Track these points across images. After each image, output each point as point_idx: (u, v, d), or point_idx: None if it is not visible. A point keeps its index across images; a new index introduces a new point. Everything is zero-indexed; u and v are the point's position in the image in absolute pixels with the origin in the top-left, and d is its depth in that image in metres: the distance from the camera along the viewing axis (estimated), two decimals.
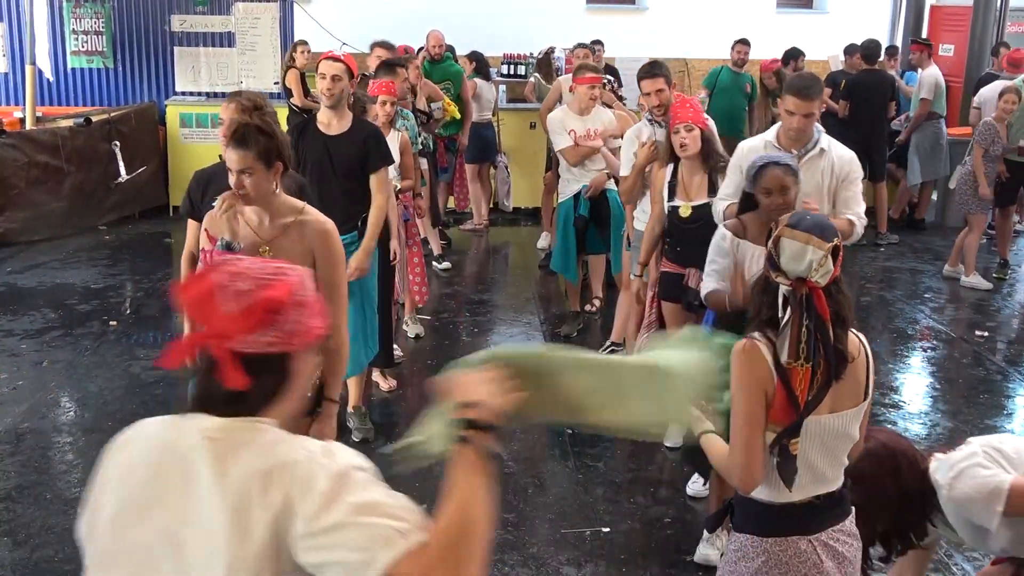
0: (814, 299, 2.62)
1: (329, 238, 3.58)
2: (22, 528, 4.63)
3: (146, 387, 6.28)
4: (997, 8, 11.77)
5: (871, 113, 10.32)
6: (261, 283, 1.79)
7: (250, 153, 3.44)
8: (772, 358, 2.65)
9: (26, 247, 9.44)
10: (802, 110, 4.57)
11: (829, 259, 2.62)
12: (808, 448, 2.70)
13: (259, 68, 11.27)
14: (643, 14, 14.17)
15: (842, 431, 2.75)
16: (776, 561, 2.72)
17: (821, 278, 2.62)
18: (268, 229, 3.56)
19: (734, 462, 2.69)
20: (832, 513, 2.80)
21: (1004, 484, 2.99)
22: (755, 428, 2.65)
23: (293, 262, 3.32)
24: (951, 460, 3.13)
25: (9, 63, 11.01)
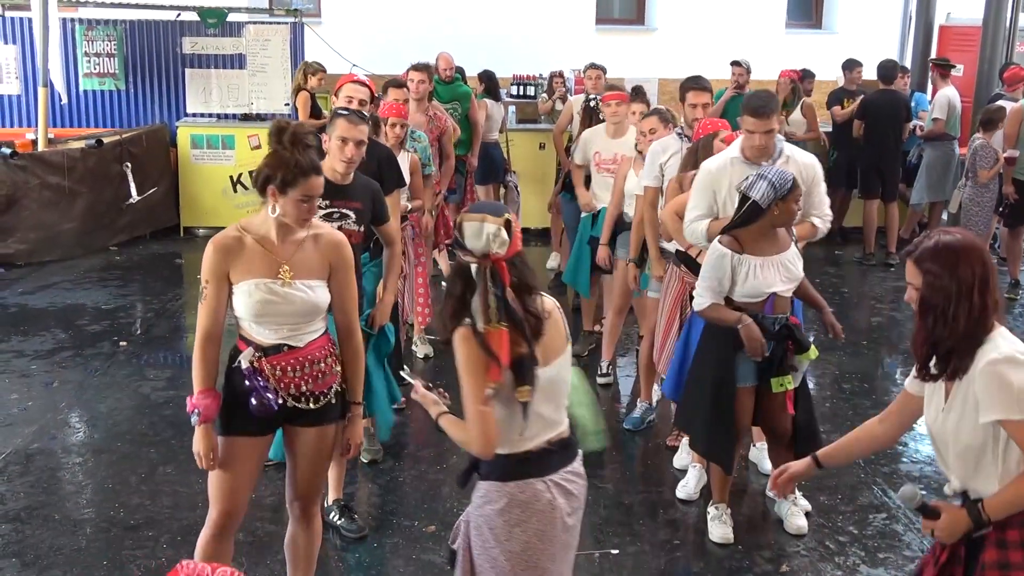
0: (498, 270, 2.95)
1: (343, 249, 3.72)
2: (30, 549, 4.63)
3: (156, 408, 6.29)
4: (1007, 28, 11.76)
5: (885, 133, 10.30)
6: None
7: (322, 179, 3.62)
8: (475, 333, 2.95)
9: (37, 268, 9.48)
10: (761, 128, 4.79)
11: (503, 230, 2.95)
12: (535, 399, 3.01)
13: (270, 89, 11.33)
14: (652, 34, 14.22)
15: (558, 378, 3.11)
16: (517, 501, 3.05)
17: (500, 248, 2.95)
18: (283, 247, 3.59)
19: (472, 434, 2.98)
20: (562, 456, 3.14)
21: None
22: (481, 400, 2.94)
23: (313, 276, 3.59)
24: (998, 345, 2.83)
25: (22, 85, 11.09)
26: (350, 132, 4.50)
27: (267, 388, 3.57)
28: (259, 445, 3.71)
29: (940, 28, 13.72)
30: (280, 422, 3.70)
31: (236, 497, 3.71)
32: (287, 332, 3.61)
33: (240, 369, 3.60)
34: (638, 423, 6.13)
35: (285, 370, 3.60)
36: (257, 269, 3.55)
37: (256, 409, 3.56)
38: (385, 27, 12.74)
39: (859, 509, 5.20)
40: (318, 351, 3.66)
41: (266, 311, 3.56)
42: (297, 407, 3.64)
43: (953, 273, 2.82)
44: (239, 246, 3.58)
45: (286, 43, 11.35)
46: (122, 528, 4.84)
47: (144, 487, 5.26)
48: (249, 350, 3.60)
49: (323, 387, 3.68)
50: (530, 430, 3.04)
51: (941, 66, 10.98)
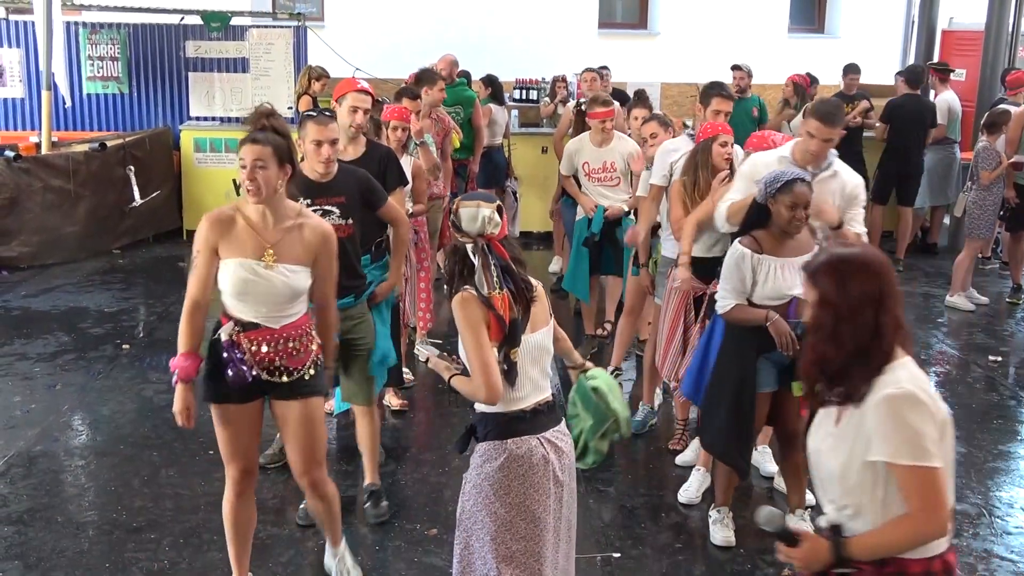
0: (493, 247, 3.33)
1: (330, 241, 3.96)
2: (33, 551, 4.64)
3: (158, 410, 6.29)
4: (1009, 32, 11.77)
5: (909, 138, 10.25)
6: None
7: (266, 148, 3.72)
8: (479, 297, 3.29)
9: (40, 271, 9.50)
10: (823, 135, 4.70)
11: (495, 214, 3.34)
12: (524, 363, 3.36)
13: (273, 93, 11.34)
14: (655, 39, 14.22)
15: (542, 345, 3.46)
16: (514, 456, 3.34)
17: (494, 229, 3.34)
18: (272, 232, 3.81)
19: (478, 383, 3.29)
20: (550, 416, 3.46)
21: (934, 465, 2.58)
22: (486, 351, 3.27)
23: (296, 262, 3.75)
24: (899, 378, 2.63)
25: (25, 88, 11.11)
26: (323, 134, 4.58)
27: (243, 361, 3.82)
28: (245, 410, 3.96)
29: (942, 33, 13.73)
30: (258, 392, 3.95)
31: (242, 456, 4.02)
32: (265, 312, 3.83)
33: (220, 341, 3.84)
34: (640, 426, 6.13)
35: (260, 345, 3.83)
36: (244, 249, 3.77)
37: (232, 379, 3.82)
38: (388, 31, 12.75)
39: None
40: (293, 331, 3.89)
41: (247, 289, 3.79)
42: (271, 380, 3.88)
43: (842, 289, 2.63)
44: (231, 224, 3.81)
45: (289, 47, 11.38)
46: (124, 530, 4.84)
47: (146, 490, 5.26)
48: (229, 324, 3.84)
49: (297, 363, 3.91)
50: (522, 390, 3.38)
51: (940, 71, 10.99)
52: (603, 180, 7.10)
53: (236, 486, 4.08)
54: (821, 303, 2.68)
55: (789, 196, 4.31)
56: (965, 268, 8.95)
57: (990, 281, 10.01)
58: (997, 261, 10.68)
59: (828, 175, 4.80)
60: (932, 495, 2.57)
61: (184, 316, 3.86)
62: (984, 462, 5.87)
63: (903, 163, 10.24)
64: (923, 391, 2.60)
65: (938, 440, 2.59)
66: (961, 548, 4.86)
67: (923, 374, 2.68)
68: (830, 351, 2.65)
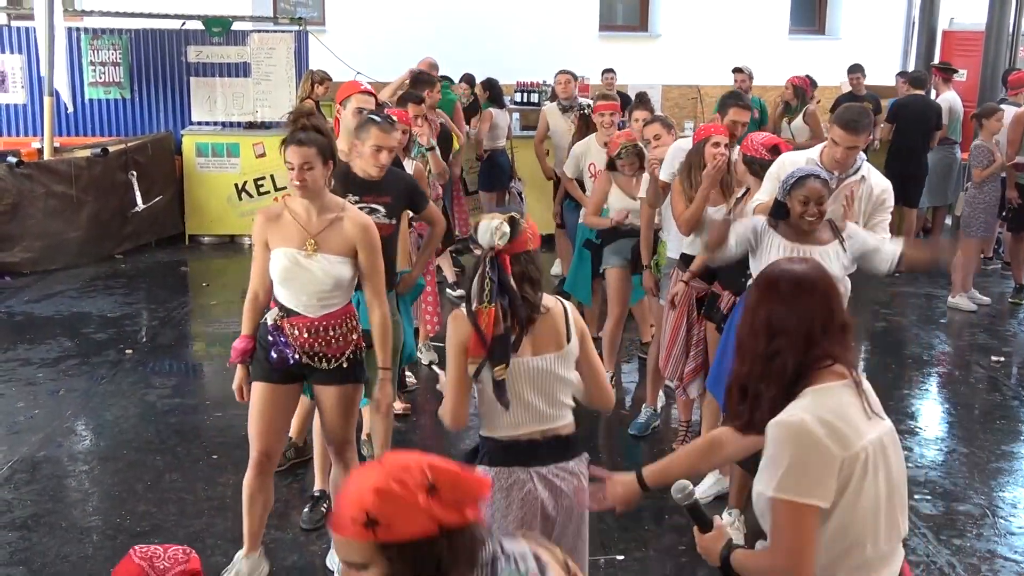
0: (499, 260, 3.17)
1: (370, 232, 4.13)
2: (37, 557, 4.64)
3: (162, 415, 6.30)
4: (1009, 33, 11.78)
5: (914, 138, 10.24)
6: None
7: (311, 150, 3.94)
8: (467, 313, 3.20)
9: (43, 276, 9.51)
10: (847, 143, 4.71)
11: (505, 225, 3.16)
12: (520, 387, 3.20)
13: (274, 98, 11.36)
14: (656, 41, 14.23)
15: (549, 371, 3.24)
16: (499, 485, 3.20)
17: (501, 240, 3.15)
18: (315, 223, 4.04)
19: (445, 408, 3.27)
20: (555, 451, 3.26)
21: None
22: (460, 377, 3.22)
23: (337, 252, 3.95)
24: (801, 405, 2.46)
25: (27, 94, 11.13)
26: (385, 141, 4.74)
27: (286, 344, 4.09)
28: (282, 392, 4.18)
29: (943, 33, 13.75)
30: (299, 376, 4.18)
31: (269, 437, 4.20)
32: (305, 300, 4.07)
33: (266, 324, 4.12)
34: (643, 428, 6.13)
35: (301, 331, 4.07)
36: (288, 239, 4.03)
37: (275, 361, 4.11)
38: (389, 35, 12.76)
39: None
40: (333, 320, 4.11)
41: (289, 276, 4.04)
42: (311, 365, 4.11)
43: (757, 306, 2.54)
44: (278, 218, 4.07)
45: (291, 51, 11.39)
46: (128, 535, 4.84)
47: (150, 494, 5.27)
48: (275, 309, 4.12)
49: (336, 352, 4.13)
50: (516, 417, 3.22)
51: (943, 71, 11.00)
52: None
53: (257, 465, 4.25)
54: (743, 318, 2.60)
55: (802, 191, 4.32)
56: (963, 268, 8.94)
57: (992, 281, 10.01)
58: (999, 261, 10.68)
59: (855, 179, 4.79)
60: (792, 534, 2.40)
61: (246, 304, 4.19)
62: (987, 463, 5.87)
63: (907, 164, 10.23)
64: (821, 422, 2.38)
65: (825, 478, 2.38)
66: (965, 549, 4.87)
67: (843, 402, 2.45)
68: (741, 368, 2.56)
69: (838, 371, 2.50)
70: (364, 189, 4.79)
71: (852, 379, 2.50)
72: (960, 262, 8.93)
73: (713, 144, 5.35)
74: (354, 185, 4.76)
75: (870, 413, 2.49)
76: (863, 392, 2.50)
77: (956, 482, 5.60)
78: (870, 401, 2.51)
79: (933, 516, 5.18)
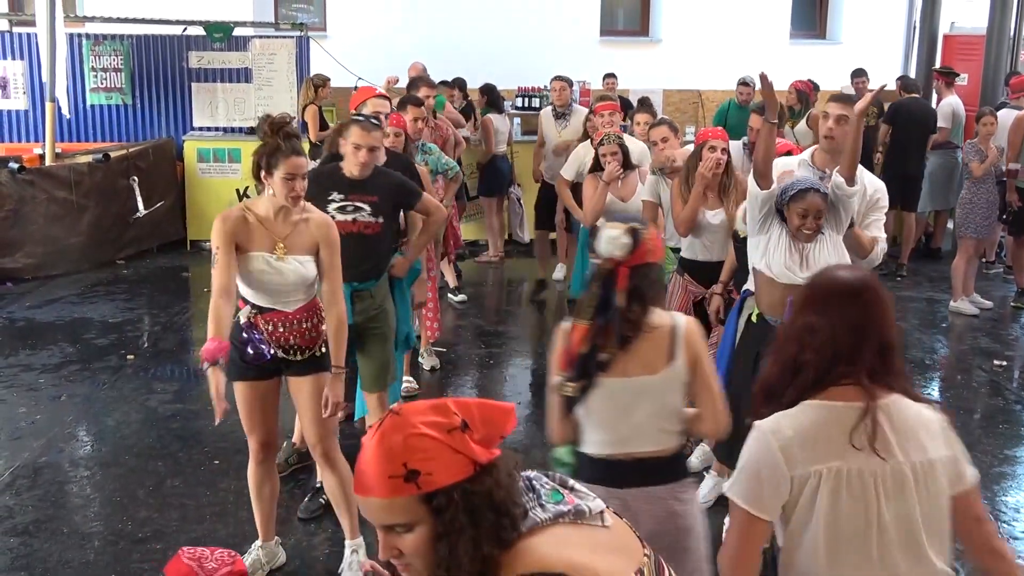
0: (616, 273, 3.03)
1: (332, 230, 4.27)
2: (39, 563, 4.64)
3: (163, 421, 6.30)
4: (1010, 37, 11.78)
5: (911, 141, 10.25)
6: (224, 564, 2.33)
7: (304, 159, 4.09)
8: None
9: (45, 282, 9.51)
10: (836, 111, 4.74)
11: (624, 234, 3.03)
12: (605, 407, 3.08)
13: (276, 103, 11.36)
14: (657, 46, 14.23)
15: (641, 393, 3.07)
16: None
17: (619, 250, 3.02)
18: (282, 227, 4.15)
19: (549, 422, 3.22)
20: (640, 475, 3.10)
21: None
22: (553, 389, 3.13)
23: (303, 252, 4.04)
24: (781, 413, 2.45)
25: (29, 100, 11.14)
26: (363, 139, 4.83)
27: (261, 340, 4.21)
28: (263, 387, 4.29)
29: (944, 37, 13.74)
30: (276, 370, 4.29)
31: (262, 429, 4.33)
32: (278, 299, 4.20)
33: (239, 323, 4.20)
34: None
35: (276, 326, 4.20)
36: (258, 244, 4.12)
37: (252, 358, 4.21)
38: (390, 40, 12.76)
39: None
40: (305, 312, 4.25)
41: (262, 279, 4.15)
42: (287, 358, 4.25)
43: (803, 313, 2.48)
44: (243, 222, 4.13)
45: (292, 57, 11.40)
46: (130, 541, 4.84)
47: (152, 500, 5.26)
48: (247, 308, 4.22)
49: (309, 343, 4.27)
50: (600, 436, 3.13)
51: (945, 75, 11.00)
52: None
53: (256, 456, 4.38)
54: (787, 327, 2.55)
55: (801, 204, 4.34)
56: (963, 271, 8.93)
57: (994, 285, 10.00)
58: (1001, 265, 10.67)
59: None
60: (734, 536, 2.43)
61: (212, 306, 4.07)
62: (990, 467, 5.85)
63: (905, 166, 10.24)
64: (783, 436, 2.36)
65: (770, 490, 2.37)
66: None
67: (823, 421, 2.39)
68: (771, 370, 2.51)
69: (852, 392, 2.40)
70: (350, 188, 4.91)
71: (866, 405, 2.38)
72: (959, 266, 8.92)
73: (710, 148, 5.44)
74: (341, 184, 4.90)
75: (863, 444, 2.36)
76: (870, 422, 2.37)
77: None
78: (875, 434, 2.37)
79: None
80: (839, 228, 4.54)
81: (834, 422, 2.38)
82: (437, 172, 6.94)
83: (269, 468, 4.44)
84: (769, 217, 4.48)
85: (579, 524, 1.85)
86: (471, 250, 10.78)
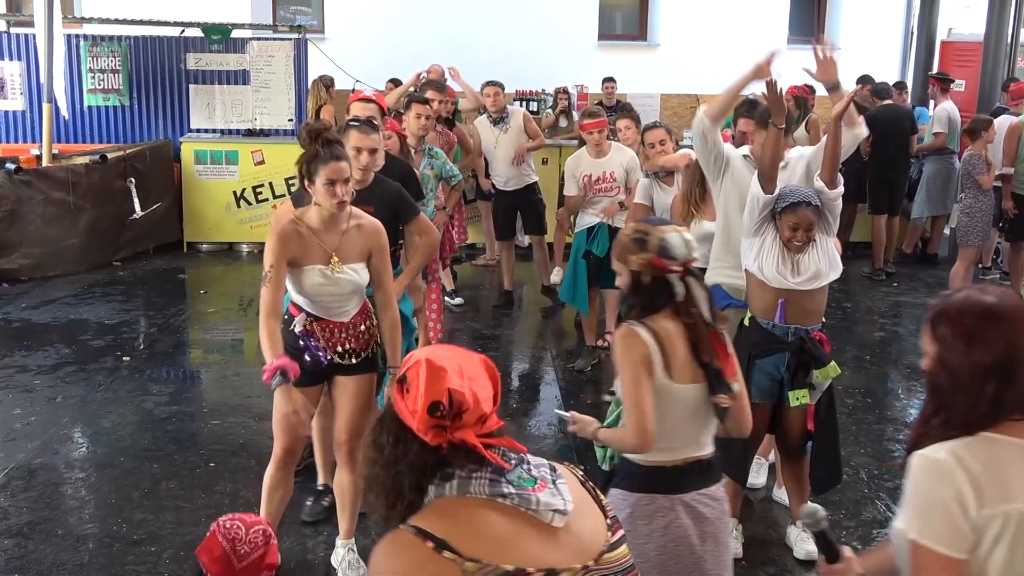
0: (696, 277, 3.15)
1: (382, 236, 4.27)
2: (33, 564, 4.62)
3: (159, 423, 6.29)
4: (1008, 43, 11.80)
5: (891, 147, 10.29)
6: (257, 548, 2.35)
7: (346, 164, 4.07)
8: (647, 332, 3.08)
9: (41, 283, 9.49)
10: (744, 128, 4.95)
11: (688, 233, 3.15)
12: (673, 413, 3.09)
13: (273, 105, 11.37)
14: (655, 50, 14.25)
15: (700, 399, 3.12)
16: (640, 513, 3.12)
17: (695, 251, 3.15)
18: (333, 237, 4.14)
19: (630, 427, 3.05)
20: (698, 477, 3.17)
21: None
22: (643, 392, 3.03)
23: (355, 259, 4.04)
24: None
25: (26, 101, 11.13)
26: (362, 142, 4.77)
27: (318, 347, 4.21)
28: (309, 393, 4.24)
29: (941, 43, 13.77)
30: (323, 377, 4.33)
31: (292, 435, 4.28)
32: (333, 309, 4.21)
33: (294, 332, 4.21)
34: None
35: (333, 331, 4.23)
36: (312, 256, 4.10)
37: (309, 365, 4.18)
38: (389, 43, 12.77)
39: (863, 524, 5.18)
40: (358, 317, 4.28)
41: (320, 292, 4.15)
42: (342, 363, 4.27)
43: (970, 347, 2.13)
44: (296, 235, 4.09)
45: (290, 59, 11.40)
46: (125, 543, 4.83)
47: (147, 502, 5.25)
48: (302, 315, 4.22)
49: (364, 345, 4.31)
50: (666, 441, 3.09)
51: (941, 80, 11.02)
52: (604, 190, 7.14)
53: (279, 460, 4.36)
54: (940, 361, 2.20)
55: (792, 217, 4.38)
56: (961, 278, 8.94)
57: None
58: (998, 271, 10.68)
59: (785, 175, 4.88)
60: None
61: (264, 326, 4.00)
62: None
63: (888, 172, 10.29)
64: (964, 467, 2.09)
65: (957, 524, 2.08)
66: None
67: (1005, 458, 2.12)
68: (937, 421, 2.20)
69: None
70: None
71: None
72: (959, 272, 8.93)
73: None
74: None
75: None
76: None
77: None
78: None
79: None
80: (829, 231, 4.57)
81: (1013, 459, 2.11)
82: (441, 178, 6.94)
83: (287, 475, 4.42)
84: (766, 222, 4.49)
85: (519, 510, 1.92)
86: (468, 253, 10.78)
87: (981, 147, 8.84)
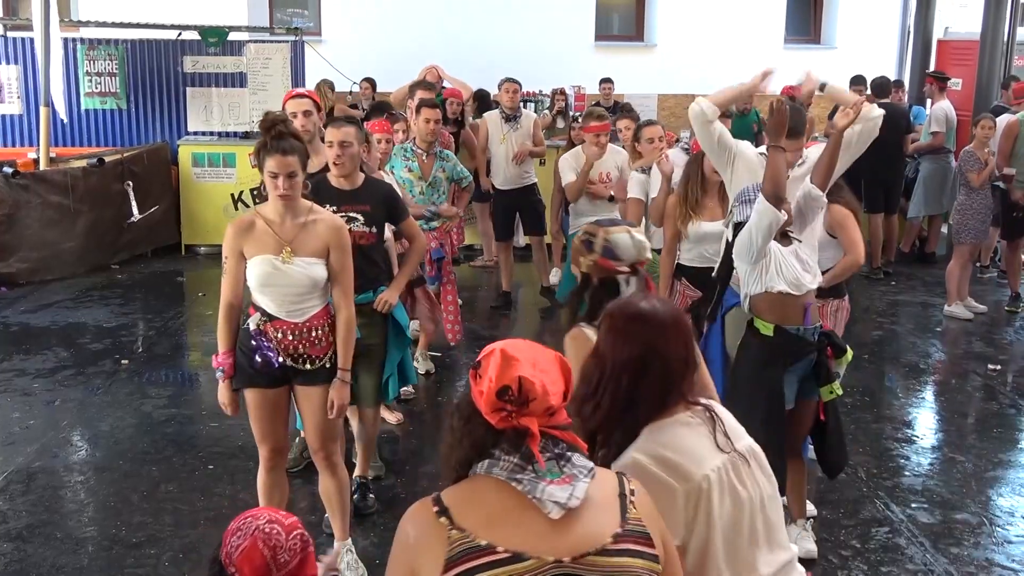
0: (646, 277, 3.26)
1: (342, 232, 4.21)
2: (32, 568, 4.62)
3: (157, 426, 6.29)
4: (1004, 42, 11.80)
5: (886, 146, 10.27)
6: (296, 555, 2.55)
7: (294, 158, 4.00)
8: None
9: (39, 286, 9.49)
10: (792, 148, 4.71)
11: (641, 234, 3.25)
12: None
13: (270, 108, 11.33)
14: (652, 51, 14.27)
15: None
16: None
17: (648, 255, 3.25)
18: (289, 229, 4.10)
19: None
20: None
21: None
22: None
23: (312, 254, 3.98)
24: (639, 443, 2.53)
25: (24, 104, 11.13)
26: (333, 135, 4.81)
27: (270, 348, 4.16)
28: (271, 395, 4.24)
29: (938, 42, 13.78)
30: (284, 379, 4.24)
31: (272, 436, 4.30)
32: (288, 306, 4.13)
33: (248, 330, 4.18)
34: None
35: (286, 334, 4.15)
36: (265, 247, 4.07)
37: (260, 365, 4.17)
38: (385, 45, 12.79)
39: (861, 523, 5.19)
40: (315, 321, 4.18)
41: (268, 282, 4.10)
42: (295, 367, 4.19)
43: (615, 346, 2.52)
44: (251, 227, 4.10)
45: (287, 62, 11.40)
46: (124, 546, 4.83)
47: (146, 505, 5.25)
48: (257, 315, 4.18)
49: (319, 352, 4.21)
50: None
51: (938, 79, 11.02)
52: (599, 191, 7.16)
53: (267, 463, 4.36)
54: (591, 356, 2.60)
55: None
56: (957, 276, 8.95)
57: (988, 290, 10.01)
58: (995, 270, 10.69)
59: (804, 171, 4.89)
60: None
61: (220, 318, 4.20)
62: (984, 471, 5.86)
63: (883, 171, 10.28)
64: (654, 458, 2.45)
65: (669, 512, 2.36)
66: (962, 558, 4.86)
67: (679, 434, 2.52)
68: (589, 412, 2.54)
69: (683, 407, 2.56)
70: (341, 199, 4.86)
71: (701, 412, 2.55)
72: (954, 270, 8.94)
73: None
74: (331, 195, 4.82)
75: (721, 443, 2.52)
76: (715, 422, 2.54)
77: (953, 491, 5.60)
78: (724, 431, 2.55)
79: (930, 525, 5.17)
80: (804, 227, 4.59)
81: (684, 433, 2.52)
82: (452, 180, 6.96)
83: (280, 475, 4.42)
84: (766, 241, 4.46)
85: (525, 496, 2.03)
86: (466, 255, 10.78)
87: (978, 145, 8.85)
